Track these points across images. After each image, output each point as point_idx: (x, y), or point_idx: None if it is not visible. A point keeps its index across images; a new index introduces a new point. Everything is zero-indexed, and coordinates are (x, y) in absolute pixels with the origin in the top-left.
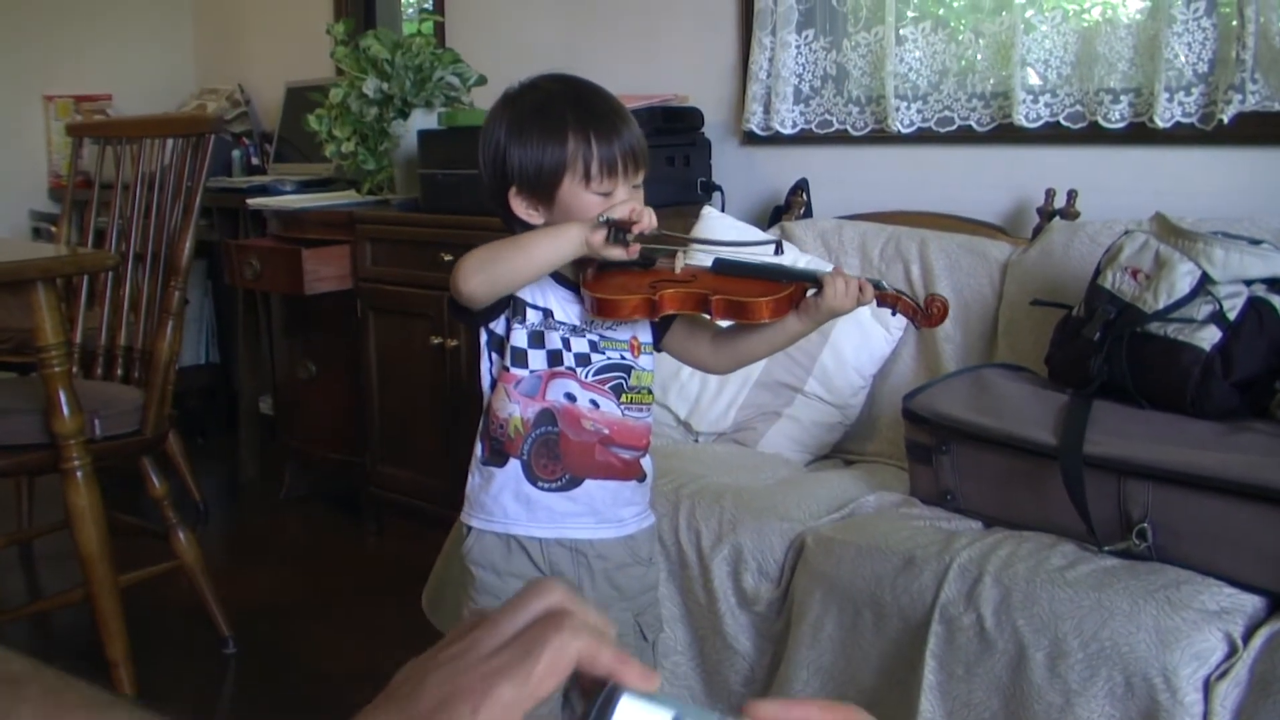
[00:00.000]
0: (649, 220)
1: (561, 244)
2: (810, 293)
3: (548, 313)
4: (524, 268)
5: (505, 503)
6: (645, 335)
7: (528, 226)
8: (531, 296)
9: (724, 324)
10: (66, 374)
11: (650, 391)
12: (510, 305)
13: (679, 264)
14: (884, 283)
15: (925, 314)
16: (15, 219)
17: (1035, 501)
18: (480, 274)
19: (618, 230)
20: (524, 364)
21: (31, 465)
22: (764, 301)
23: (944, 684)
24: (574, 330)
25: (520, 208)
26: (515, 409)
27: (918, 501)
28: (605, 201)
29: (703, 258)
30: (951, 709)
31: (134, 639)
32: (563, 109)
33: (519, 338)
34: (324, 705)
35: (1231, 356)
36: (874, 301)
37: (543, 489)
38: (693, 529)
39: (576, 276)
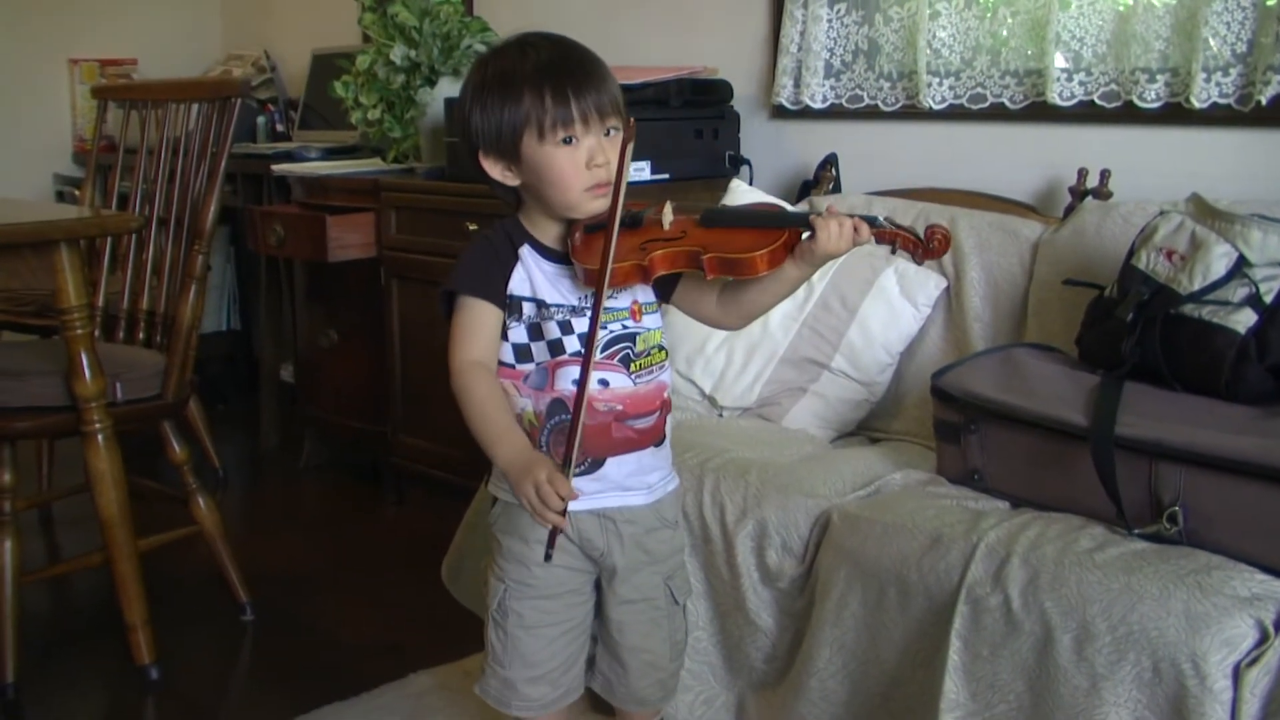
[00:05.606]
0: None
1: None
2: (805, 236)
3: (540, 304)
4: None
5: None
6: (646, 295)
7: (508, 190)
8: (520, 289)
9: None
10: (89, 336)
11: (662, 349)
12: (505, 305)
13: (667, 219)
14: (881, 219)
15: (926, 247)
16: (39, 182)
17: (1064, 482)
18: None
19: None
20: (528, 359)
21: (53, 428)
22: (758, 255)
23: (969, 664)
24: (573, 311)
25: (495, 171)
26: (527, 403)
27: (944, 480)
28: (571, 151)
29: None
30: (976, 690)
31: (152, 603)
32: (521, 65)
33: (518, 334)
34: (340, 674)
35: (1267, 340)
36: (871, 240)
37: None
38: (717, 504)
39: (563, 246)
